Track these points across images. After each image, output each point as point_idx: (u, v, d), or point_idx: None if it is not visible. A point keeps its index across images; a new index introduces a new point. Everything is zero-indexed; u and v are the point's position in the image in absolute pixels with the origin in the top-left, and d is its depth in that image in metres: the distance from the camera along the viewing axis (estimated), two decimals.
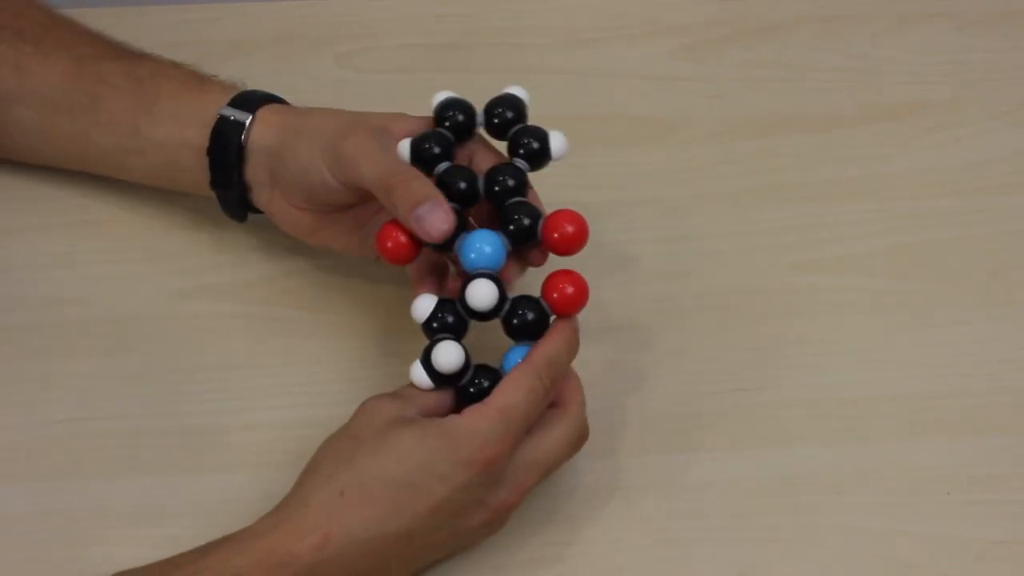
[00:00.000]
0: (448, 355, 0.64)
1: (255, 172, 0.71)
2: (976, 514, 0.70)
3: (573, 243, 0.66)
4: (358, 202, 0.69)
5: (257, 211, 0.74)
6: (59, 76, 0.73)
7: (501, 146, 0.70)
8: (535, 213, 0.67)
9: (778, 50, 0.90)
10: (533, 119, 0.69)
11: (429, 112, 0.70)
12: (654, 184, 0.83)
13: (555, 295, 0.66)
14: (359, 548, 0.60)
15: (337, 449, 0.62)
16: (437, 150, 0.68)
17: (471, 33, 0.90)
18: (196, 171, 0.72)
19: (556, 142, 0.68)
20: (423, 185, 0.65)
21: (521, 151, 0.68)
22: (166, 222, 0.79)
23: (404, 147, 0.68)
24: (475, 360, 0.66)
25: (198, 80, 0.74)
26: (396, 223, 0.66)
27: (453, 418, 0.62)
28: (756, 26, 0.91)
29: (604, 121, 0.85)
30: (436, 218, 0.64)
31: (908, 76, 0.89)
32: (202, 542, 0.62)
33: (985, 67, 0.89)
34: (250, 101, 0.71)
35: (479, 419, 0.62)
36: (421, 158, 0.68)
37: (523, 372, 0.63)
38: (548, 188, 0.69)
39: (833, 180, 0.83)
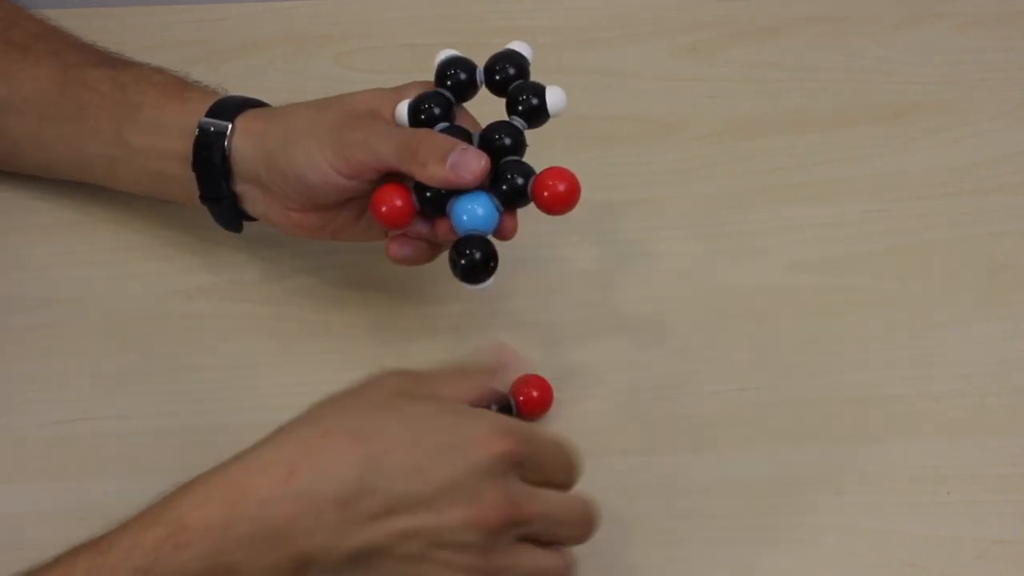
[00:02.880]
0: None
1: (243, 182, 0.71)
2: (976, 514, 0.70)
3: (564, 202, 0.65)
4: (358, 195, 0.69)
5: (252, 219, 0.73)
6: (47, 83, 0.73)
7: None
8: (528, 172, 0.66)
9: (778, 50, 0.90)
10: None
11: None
12: (654, 184, 0.83)
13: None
14: (324, 492, 0.55)
15: (334, 401, 0.59)
16: (437, 110, 0.67)
17: (471, 33, 0.90)
18: (184, 182, 0.71)
19: (553, 97, 0.67)
20: (443, 138, 0.65)
21: (519, 107, 0.67)
22: (166, 221, 0.79)
23: (402, 109, 0.68)
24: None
25: (180, 87, 0.73)
26: (390, 187, 0.66)
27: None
28: (756, 26, 0.91)
29: (604, 121, 0.85)
30: (470, 159, 0.64)
31: (908, 76, 0.89)
32: None
33: (985, 67, 0.89)
34: (228, 109, 0.71)
35: (497, 415, 0.60)
36: (419, 119, 0.67)
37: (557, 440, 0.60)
38: None
39: (833, 180, 0.83)
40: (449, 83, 0.68)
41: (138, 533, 0.55)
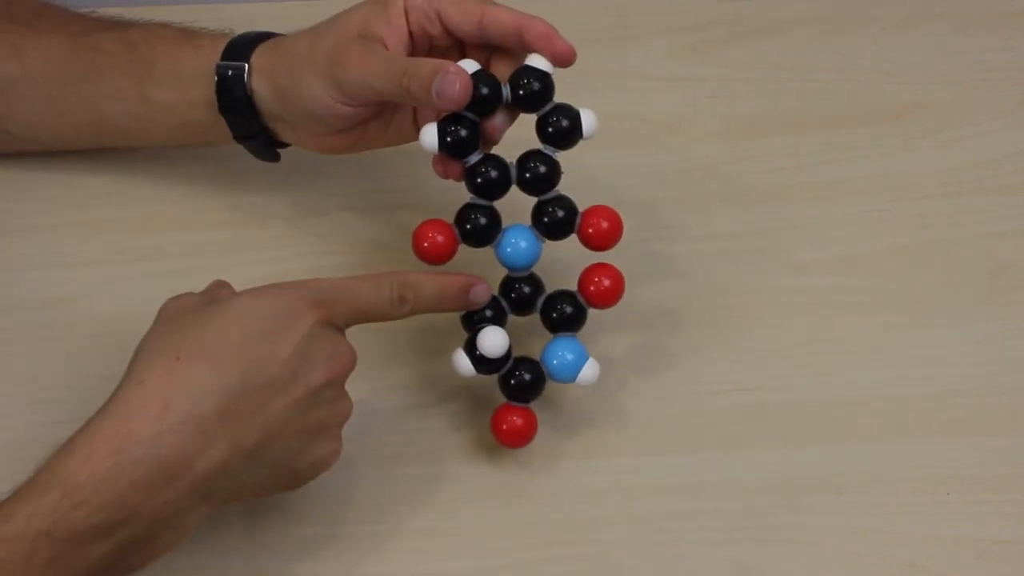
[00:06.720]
0: (493, 340, 0.67)
1: (270, 117, 0.72)
2: (976, 514, 0.70)
3: (608, 238, 0.69)
4: (375, 113, 0.70)
5: (287, 145, 0.74)
6: (57, 51, 0.74)
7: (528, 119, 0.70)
8: (570, 206, 0.68)
9: (778, 50, 0.90)
10: None
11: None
12: (654, 184, 0.83)
13: (591, 288, 0.69)
14: (202, 411, 0.58)
15: (160, 333, 0.61)
16: (464, 133, 0.68)
17: None
18: (214, 127, 0.72)
19: (587, 121, 0.69)
20: (430, 65, 0.66)
21: (549, 130, 0.68)
22: (166, 222, 0.79)
23: (431, 133, 0.68)
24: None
25: (188, 36, 0.74)
26: (431, 223, 0.68)
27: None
28: (756, 26, 0.91)
29: (604, 121, 0.85)
30: (448, 85, 0.65)
31: (908, 76, 0.89)
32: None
33: (985, 67, 0.89)
34: (240, 47, 0.72)
35: (318, 280, 0.64)
36: (447, 145, 0.68)
37: (382, 276, 0.65)
38: None
39: (833, 180, 0.83)
40: (471, 98, 0.68)
41: (34, 500, 0.56)
